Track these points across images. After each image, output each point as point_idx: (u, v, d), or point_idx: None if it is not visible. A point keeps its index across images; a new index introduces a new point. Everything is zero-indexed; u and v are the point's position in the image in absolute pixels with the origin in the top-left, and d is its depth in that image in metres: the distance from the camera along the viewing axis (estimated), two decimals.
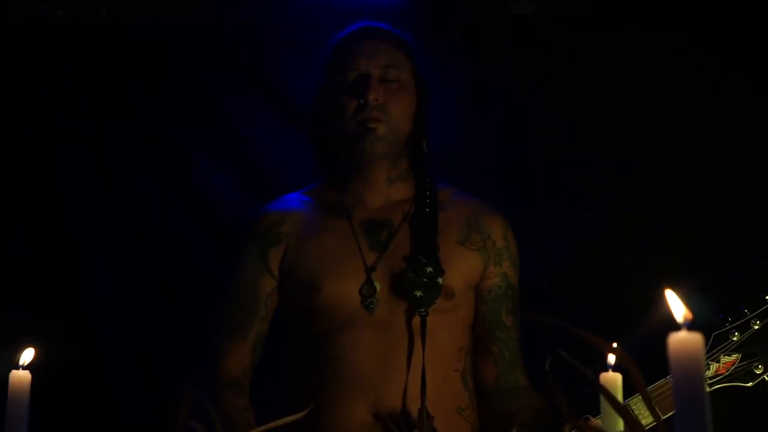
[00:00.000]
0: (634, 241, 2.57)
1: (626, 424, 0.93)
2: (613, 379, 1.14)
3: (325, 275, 1.93)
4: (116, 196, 2.80)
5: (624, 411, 0.97)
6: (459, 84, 2.76)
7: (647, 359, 1.05)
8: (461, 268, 1.96)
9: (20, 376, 1.21)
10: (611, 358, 1.15)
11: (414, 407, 1.81)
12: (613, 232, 2.59)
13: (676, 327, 0.74)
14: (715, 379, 1.78)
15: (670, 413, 1.03)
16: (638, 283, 2.38)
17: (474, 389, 1.98)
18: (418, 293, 1.87)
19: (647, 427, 1.20)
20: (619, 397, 1.12)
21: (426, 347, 1.85)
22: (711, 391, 1.77)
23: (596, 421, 1.69)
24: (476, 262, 1.98)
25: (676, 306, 0.77)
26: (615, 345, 1.00)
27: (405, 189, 2.04)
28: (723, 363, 1.77)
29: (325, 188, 2.09)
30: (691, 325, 0.77)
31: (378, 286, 1.91)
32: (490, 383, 1.98)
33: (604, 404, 1.10)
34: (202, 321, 2.60)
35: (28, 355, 1.24)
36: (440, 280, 1.88)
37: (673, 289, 0.80)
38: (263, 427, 1.31)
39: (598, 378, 1.09)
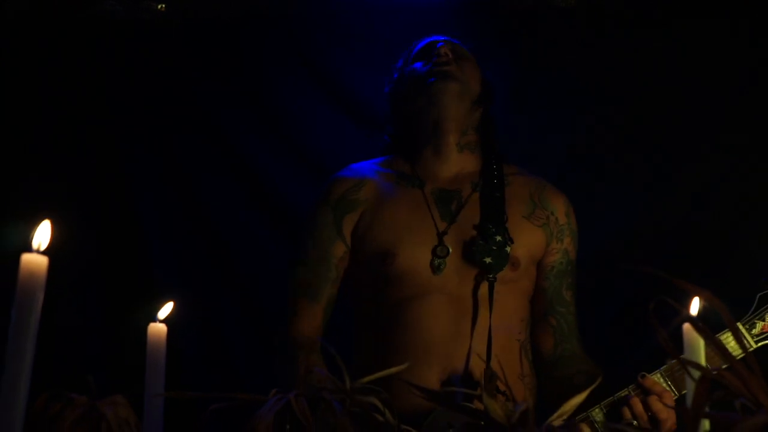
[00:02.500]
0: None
1: (723, 357, 1.06)
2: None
3: (401, 243, 2.03)
4: (181, 186, 2.93)
5: (718, 343, 1.09)
6: (502, 74, 2.87)
7: None
8: (527, 240, 2.07)
9: (158, 329, 1.34)
10: (694, 308, 1.27)
11: (480, 372, 1.91)
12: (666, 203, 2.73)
13: None
14: (761, 336, 1.91)
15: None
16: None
17: (531, 359, 2.09)
18: (488, 260, 1.99)
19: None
20: (701, 344, 1.24)
21: (492, 314, 1.96)
22: (759, 347, 1.90)
23: (652, 378, 1.85)
24: (540, 237, 2.10)
25: None
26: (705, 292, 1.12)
27: (473, 161, 2.17)
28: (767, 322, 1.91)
29: (397, 160, 2.21)
30: None
31: (450, 249, 2.01)
32: (548, 351, 2.09)
33: (689, 343, 1.22)
34: (265, 299, 2.77)
35: (166, 310, 1.36)
36: (508, 249, 2.00)
37: None
38: (365, 379, 1.42)
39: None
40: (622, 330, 2.50)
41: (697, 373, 1.09)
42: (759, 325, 1.90)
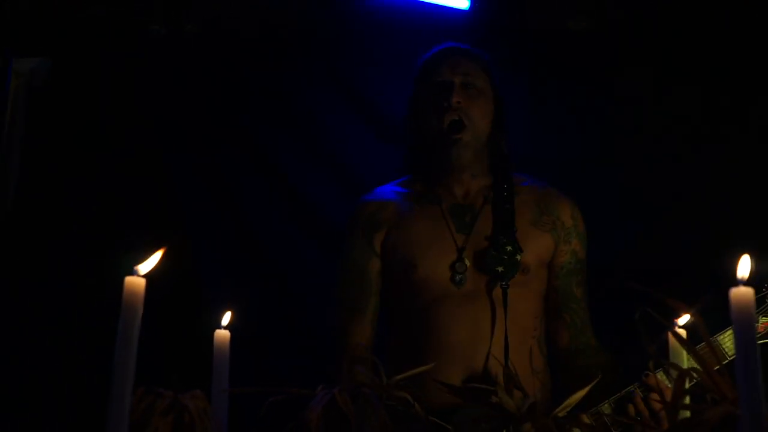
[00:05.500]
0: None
1: (697, 361, 1.28)
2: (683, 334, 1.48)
3: (421, 255, 2.25)
4: (224, 198, 3.20)
5: (693, 351, 1.32)
6: (519, 91, 3.08)
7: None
8: (535, 246, 2.26)
9: (222, 334, 1.57)
10: (682, 320, 1.48)
11: (499, 370, 2.06)
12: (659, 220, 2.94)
13: (736, 283, 1.09)
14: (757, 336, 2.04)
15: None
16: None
17: (546, 354, 2.28)
18: (500, 269, 2.20)
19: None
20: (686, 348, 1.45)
21: (507, 316, 2.17)
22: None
23: (656, 376, 1.97)
24: (548, 241, 2.29)
25: (743, 267, 1.12)
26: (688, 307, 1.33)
27: (485, 179, 2.36)
28: (761, 323, 2.04)
29: (416, 180, 2.41)
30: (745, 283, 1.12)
31: (467, 264, 2.23)
32: (564, 345, 2.28)
33: (673, 348, 1.45)
34: (301, 302, 3.02)
35: (227, 318, 1.59)
36: (519, 257, 2.21)
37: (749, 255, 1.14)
38: (398, 377, 1.64)
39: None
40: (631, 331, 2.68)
41: (675, 373, 1.32)
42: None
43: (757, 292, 2.01)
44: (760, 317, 2.05)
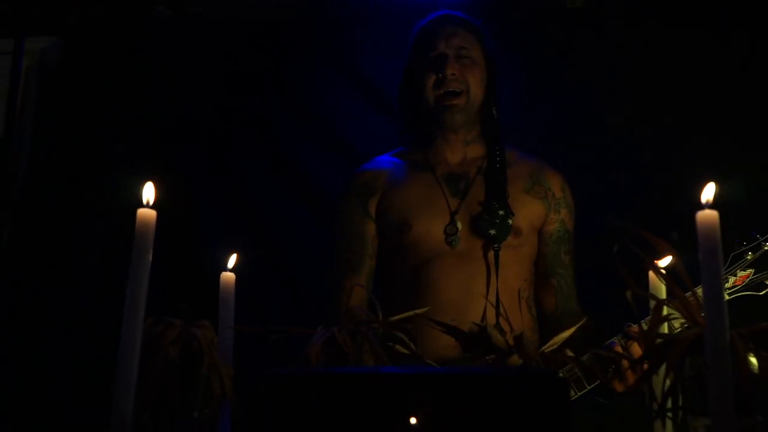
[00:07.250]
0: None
1: (673, 291, 1.37)
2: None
3: (415, 215, 2.35)
4: (228, 173, 3.30)
5: (669, 281, 1.40)
6: (518, 68, 3.15)
7: None
8: (527, 211, 2.38)
9: (228, 276, 1.66)
10: (664, 262, 1.56)
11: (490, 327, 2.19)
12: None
13: (702, 207, 1.18)
14: (733, 290, 2.14)
15: None
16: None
17: (536, 315, 2.38)
18: (492, 231, 2.31)
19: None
20: (662, 285, 1.53)
21: (499, 277, 2.28)
22: (730, 300, 2.10)
23: (636, 326, 2.05)
24: (539, 208, 2.40)
25: (708, 192, 1.21)
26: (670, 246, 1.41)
27: (479, 149, 2.46)
28: (739, 276, 2.15)
29: (411, 150, 2.51)
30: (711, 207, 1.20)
31: (459, 226, 2.33)
32: (551, 310, 2.39)
33: (653, 284, 1.53)
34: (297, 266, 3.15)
35: (233, 260, 1.68)
36: (510, 221, 2.32)
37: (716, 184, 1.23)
38: (395, 318, 1.74)
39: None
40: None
41: (653, 303, 1.41)
42: (731, 280, 2.14)
43: (736, 248, 2.18)
44: (738, 271, 2.15)
